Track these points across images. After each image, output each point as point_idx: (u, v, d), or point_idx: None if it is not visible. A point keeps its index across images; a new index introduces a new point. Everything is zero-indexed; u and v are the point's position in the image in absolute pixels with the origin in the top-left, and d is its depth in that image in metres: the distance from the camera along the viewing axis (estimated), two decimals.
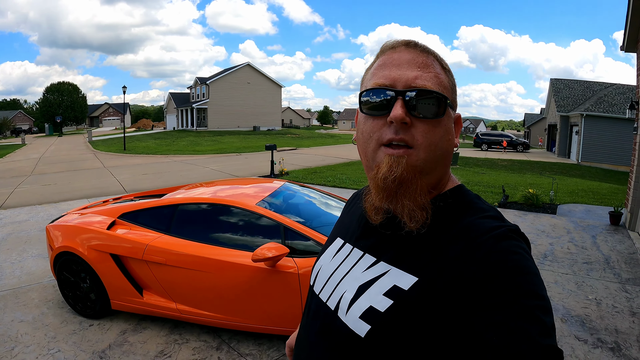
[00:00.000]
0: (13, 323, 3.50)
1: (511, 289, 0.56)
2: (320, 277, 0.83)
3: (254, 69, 45.49)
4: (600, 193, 10.28)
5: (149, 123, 62.32)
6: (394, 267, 0.68)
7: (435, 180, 0.72)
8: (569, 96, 26.89)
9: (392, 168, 0.65)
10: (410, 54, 0.71)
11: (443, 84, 0.70)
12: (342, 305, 0.71)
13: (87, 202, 8.76)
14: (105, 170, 14.79)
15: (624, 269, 4.87)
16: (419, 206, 0.66)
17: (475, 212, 0.69)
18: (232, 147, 24.75)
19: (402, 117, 0.65)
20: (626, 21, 6.24)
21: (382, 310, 0.64)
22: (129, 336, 3.26)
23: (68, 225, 3.60)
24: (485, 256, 0.60)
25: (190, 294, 3.11)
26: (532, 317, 0.53)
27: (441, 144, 0.69)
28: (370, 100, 0.70)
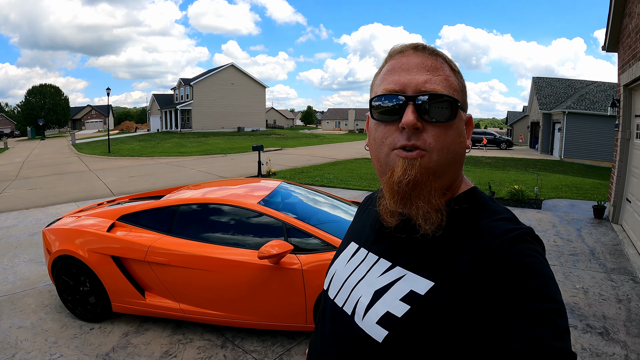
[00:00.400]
0: (11, 329, 3.44)
1: (525, 293, 0.56)
2: (335, 281, 0.82)
3: (238, 70, 45.15)
4: (583, 188, 10.58)
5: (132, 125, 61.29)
6: (409, 272, 0.68)
7: (449, 183, 0.72)
8: (551, 94, 27.25)
9: (407, 171, 0.65)
10: (419, 57, 0.70)
11: (453, 86, 0.70)
12: (359, 310, 0.71)
13: (75, 205, 8.62)
14: (91, 174, 14.52)
15: (608, 260, 5.05)
16: (433, 208, 0.66)
17: (489, 215, 0.69)
18: (218, 149, 24.55)
19: (414, 122, 0.65)
20: (607, 23, 6.49)
21: (399, 316, 0.64)
22: (132, 338, 3.24)
23: (66, 228, 3.56)
24: (499, 259, 0.60)
25: (194, 294, 3.12)
26: (547, 321, 0.54)
27: (453, 147, 0.69)
28: (381, 106, 0.70)
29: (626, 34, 5.98)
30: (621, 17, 6.18)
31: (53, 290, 4.20)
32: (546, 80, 29.12)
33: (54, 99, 54.81)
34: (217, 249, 3.05)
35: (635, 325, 3.39)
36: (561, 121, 22.86)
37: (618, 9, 6.05)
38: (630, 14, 5.68)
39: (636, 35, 5.40)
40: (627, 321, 3.47)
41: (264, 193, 3.52)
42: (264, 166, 12.63)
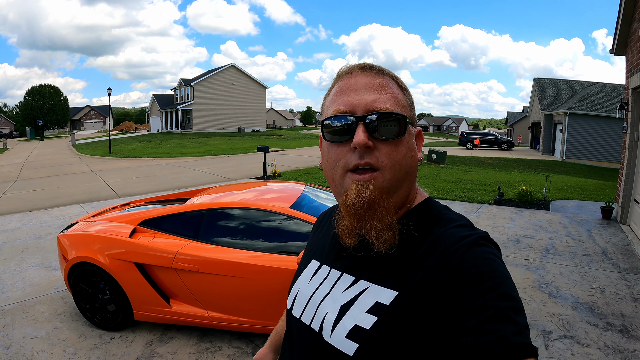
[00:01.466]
0: (25, 340, 3.28)
1: (484, 292, 0.57)
2: (298, 300, 0.81)
3: (239, 70, 44.81)
4: (587, 189, 10.54)
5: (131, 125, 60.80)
6: (373, 284, 0.68)
7: (403, 198, 0.73)
8: (552, 95, 27.15)
9: (360, 193, 0.66)
10: (366, 77, 0.71)
11: (401, 103, 0.71)
12: (326, 326, 0.70)
13: (80, 207, 8.46)
14: (93, 175, 14.29)
15: (620, 260, 5.04)
16: (385, 226, 0.67)
17: (446, 223, 0.70)
18: (219, 149, 24.31)
19: (365, 142, 0.66)
20: (616, 27, 6.45)
21: (368, 328, 0.65)
22: (157, 347, 3.10)
23: (84, 234, 3.41)
24: (457, 264, 0.61)
25: (224, 301, 2.99)
26: (506, 318, 0.55)
27: (405, 161, 0.70)
28: (333, 128, 0.70)
29: (635, 38, 5.92)
30: (630, 21, 6.13)
31: (66, 297, 4.05)
32: (547, 81, 29.00)
33: (53, 99, 54.11)
34: (249, 255, 2.93)
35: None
36: (563, 122, 22.81)
37: (627, 14, 6.01)
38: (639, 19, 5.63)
39: None
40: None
41: (292, 197, 3.40)
42: (269, 167, 12.47)
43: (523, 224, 6.61)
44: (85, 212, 7.95)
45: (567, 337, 3.28)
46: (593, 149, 21.52)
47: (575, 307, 3.76)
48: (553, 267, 4.76)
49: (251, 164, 16.39)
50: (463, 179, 12.22)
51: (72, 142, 31.04)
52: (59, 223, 7.10)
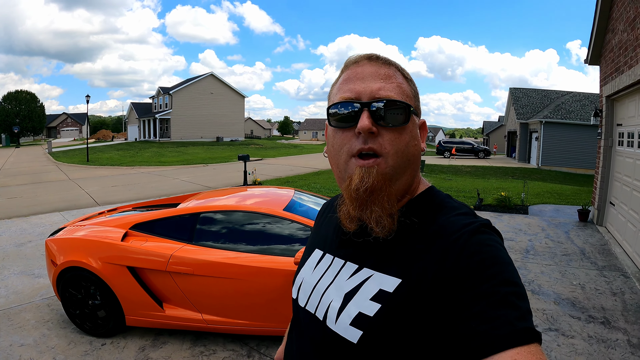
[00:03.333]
0: (12, 348, 3.17)
1: (487, 279, 0.58)
2: (303, 289, 0.82)
3: (217, 79, 44.49)
4: (564, 194, 10.94)
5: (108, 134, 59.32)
6: (377, 272, 0.69)
7: (406, 185, 0.73)
8: (527, 104, 27.76)
9: (364, 179, 0.67)
10: (373, 66, 0.73)
11: (406, 92, 0.73)
12: (330, 314, 0.71)
13: (60, 215, 8.22)
14: (71, 183, 13.88)
15: (599, 259, 5.29)
16: (386, 213, 0.68)
17: (448, 211, 0.71)
18: (198, 158, 24.01)
19: (369, 127, 0.67)
20: (590, 39, 6.81)
21: (372, 315, 0.65)
22: (150, 352, 3.05)
23: (74, 238, 3.34)
24: (460, 251, 0.61)
25: (219, 303, 2.97)
26: (509, 303, 0.56)
27: (408, 149, 0.71)
28: (338, 114, 0.72)
29: (609, 49, 6.26)
30: (604, 33, 6.49)
31: (52, 305, 3.94)
32: (523, 91, 29.66)
33: (30, 105, 52.25)
34: (245, 257, 2.93)
35: (631, 314, 3.68)
36: (538, 130, 23.32)
37: (601, 26, 6.36)
38: (613, 30, 5.97)
39: (619, 50, 5.65)
40: (624, 311, 3.75)
41: (284, 201, 3.44)
42: (249, 176, 12.41)
43: (503, 228, 6.82)
44: (65, 219, 7.74)
45: (552, 330, 3.43)
46: (568, 156, 22.09)
47: (558, 303, 3.95)
48: (534, 267, 4.95)
49: (231, 172, 16.30)
50: (442, 186, 12.47)
51: (48, 149, 30.06)
52: (39, 231, 6.90)
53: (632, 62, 5.08)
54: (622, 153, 6.04)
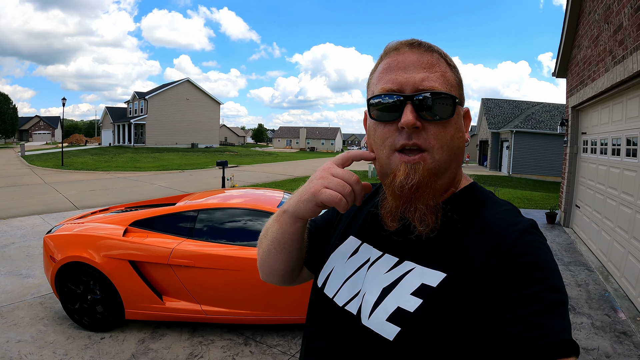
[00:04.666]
0: (10, 344, 3.22)
1: (535, 282, 0.56)
2: (333, 279, 0.77)
3: (194, 85, 44.07)
4: (533, 200, 11.55)
5: (82, 138, 57.56)
6: (418, 265, 0.66)
7: (450, 180, 0.71)
8: (499, 114, 28.43)
9: (409, 175, 0.64)
10: (415, 54, 0.68)
11: (450, 82, 0.68)
12: (364, 309, 0.67)
13: (40, 218, 8.11)
14: (47, 187, 13.54)
15: (565, 256, 5.77)
16: (430, 210, 0.65)
17: (493, 207, 0.69)
18: (174, 164, 23.76)
19: (414, 122, 0.64)
20: (558, 53, 7.37)
21: (412, 311, 0.62)
22: (150, 344, 3.17)
23: (75, 234, 3.42)
24: (509, 249, 0.60)
25: (218, 294, 3.14)
26: (553, 312, 0.55)
27: (453, 142, 0.67)
28: (380, 106, 0.68)
29: (575, 63, 6.80)
30: (570, 48, 7.04)
31: (45, 303, 3.97)
32: (494, 102, 30.37)
33: (2, 107, 49.92)
34: (243, 250, 3.11)
35: (594, 302, 4.13)
36: (509, 139, 23.96)
37: (568, 41, 6.90)
38: (579, 46, 6.49)
39: (584, 64, 6.16)
40: (587, 299, 4.21)
41: (276, 199, 3.65)
42: (228, 182, 12.43)
43: None
44: (46, 223, 7.65)
45: None
46: (537, 164, 22.76)
47: None
48: None
49: (207, 179, 16.33)
50: None
51: (21, 153, 29.03)
52: (21, 233, 6.82)
53: (595, 75, 5.55)
54: (587, 159, 6.54)
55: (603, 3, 5.26)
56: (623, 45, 4.58)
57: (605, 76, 5.14)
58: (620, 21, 4.67)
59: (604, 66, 5.24)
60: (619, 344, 3.28)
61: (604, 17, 5.25)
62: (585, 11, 6.14)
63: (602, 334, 3.45)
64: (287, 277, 0.88)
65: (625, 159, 4.82)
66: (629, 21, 4.38)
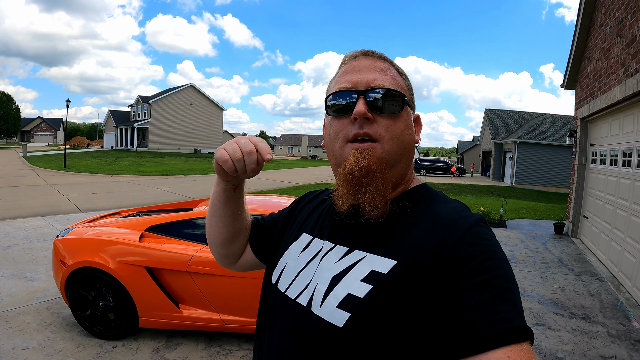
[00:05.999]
0: (16, 351, 3.02)
1: (486, 270, 0.57)
2: (286, 274, 0.78)
3: (197, 91, 43.87)
4: (538, 210, 11.43)
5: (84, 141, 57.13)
6: (369, 254, 0.66)
7: (400, 174, 0.73)
8: (502, 125, 28.10)
9: (359, 159, 0.66)
10: (369, 60, 0.74)
11: (400, 84, 0.74)
12: (316, 298, 0.67)
13: (43, 219, 7.89)
14: (50, 188, 13.29)
15: (575, 266, 5.65)
16: (380, 193, 0.66)
17: (443, 202, 0.71)
18: (177, 170, 23.49)
19: (364, 112, 0.67)
20: (567, 65, 7.31)
21: (362, 296, 0.62)
22: (166, 354, 2.99)
23: (88, 238, 3.24)
24: (459, 239, 0.60)
25: (239, 303, 2.97)
26: (507, 299, 0.55)
27: (403, 137, 0.70)
28: (336, 103, 0.72)
29: (584, 75, 6.73)
30: (580, 60, 6.98)
31: (52, 308, 3.77)
32: (498, 112, 30.09)
33: (5, 107, 49.46)
34: None
35: (608, 311, 4.08)
36: (512, 150, 23.67)
37: (578, 54, 6.85)
38: (589, 59, 6.43)
39: (594, 77, 6.09)
40: (601, 309, 4.14)
41: None
42: None
43: None
44: (49, 225, 7.44)
45: (539, 325, 3.69)
46: (541, 175, 22.52)
47: (542, 303, 4.24)
48: (517, 273, 5.20)
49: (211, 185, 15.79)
50: None
51: (23, 153, 28.70)
52: (24, 234, 6.60)
53: (606, 87, 5.47)
54: (595, 170, 6.44)
55: (615, 16, 5.19)
56: (636, 58, 4.51)
57: (617, 88, 5.06)
58: (633, 34, 4.60)
59: (616, 78, 5.17)
60: (635, 352, 3.24)
61: (616, 30, 5.18)
62: (596, 24, 6.08)
63: (618, 342, 3.42)
64: (227, 250, 0.94)
65: (636, 170, 4.75)
66: None
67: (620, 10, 4.98)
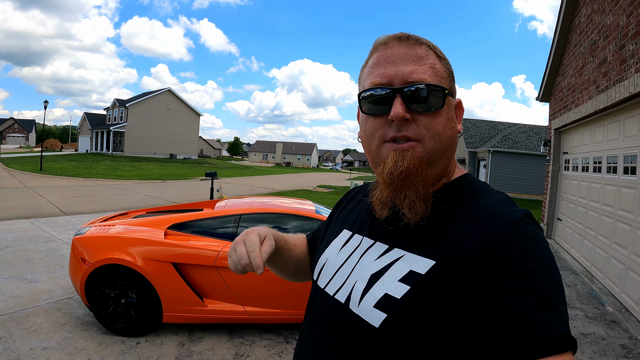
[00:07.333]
0: (35, 351, 2.93)
1: (528, 273, 0.52)
2: (326, 270, 0.75)
3: (174, 95, 42.92)
4: None
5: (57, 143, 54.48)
6: (408, 252, 0.63)
7: (442, 170, 0.68)
8: (476, 134, 28.36)
9: (398, 162, 0.62)
10: (403, 47, 0.66)
11: (439, 73, 0.66)
12: (354, 296, 0.64)
13: (28, 222, 7.56)
14: (29, 191, 12.68)
15: None
16: (420, 197, 0.62)
17: (487, 196, 0.65)
18: (154, 174, 22.93)
19: (403, 114, 0.62)
20: (543, 79, 7.79)
21: (399, 297, 0.58)
22: (192, 346, 3.00)
23: (113, 236, 3.20)
24: (502, 239, 0.55)
25: (261, 294, 3.06)
26: (551, 305, 0.50)
27: (444, 132, 0.65)
28: (370, 100, 0.66)
29: (558, 89, 7.19)
30: (555, 76, 7.46)
31: (63, 308, 3.67)
32: (472, 122, 30.46)
33: None
34: None
35: (584, 298, 4.55)
36: (486, 158, 23.99)
37: (553, 70, 7.32)
38: (563, 74, 6.89)
39: (568, 91, 6.53)
40: (577, 297, 4.61)
41: (310, 206, 3.67)
42: (216, 193, 12.06)
43: None
44: (36, 227, 7.16)
45: None
46: (514, 183, 22.92)
47: None
48: None
49: (192, 189, 15.96)
50: None
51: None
52: (13, 237, 6.32)
53: (579, 102, 5.89)
54: (568, 176, 6.88)
55: (589, 38, 5.62)
56: (607, 77, 4.90)
57: (589, 103, 5.46)
58: (605, 55, 5.00)
59: (588, 94, 5.58)
60: (610, 330, 3.67)
61: (589, 51, 5.61)
62: (571, 43, 6.55)
63: (595, 322, 3.83)
64: (297, 278, 0.98)
65: (606, 175, 5.13)
66: (613, 56, 4.70)
67: (594, 33, 5.40)
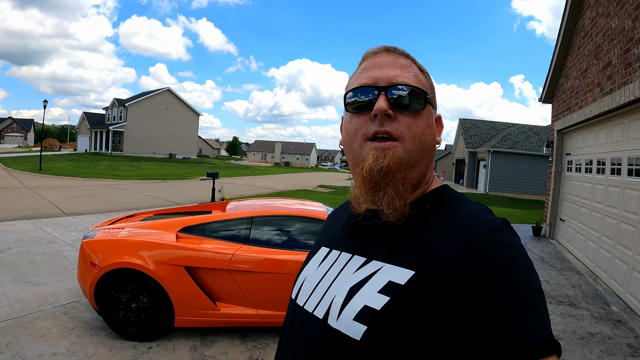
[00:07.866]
0: (43, 357, 2.85)
1: (511, 279, 0.53)
2: (304, 288, 0.73)
3: (174, 95, 42.51)
4: (514, 216, 11.91)
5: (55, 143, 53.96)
6: (387, 264, 0.62)
7: (420, 175, 0.68)
8: (476, 134, 28.17)
9: (378, 159, 0.62)
10: (390, 56, 0.70)
11: (422, 82, 0.70)
12: (333, 311, 0.62)
13: (30, 223, 7.45)
14: (29, 191, 12.52)
15: (556, 263, 6.06)
16: (399, 195, 0.62)
17: (465, 206, 0.65)
18: (154, 174, 22.71)
19: (385, 109, 0.63)
20: (545, 81, 7.76)
21: (378, 308, 0.57)
22: (204, 350, 2.93)
23: (123, 240, 3.12)
24: (482, 247, 0.56)
25: (274, 298, 3.00)
26: (534, 310, 0.51)
27: (424, 136, 0.66)
28: (357, 100, 0.68)
29: (562, 91, 7.17)
30: (558, 78, 7.44)
31: (70, 312, 3.58)
32: (471, 122, 30.22)
33: None
34: (301, 253, 3.03)
35: (590, 299, 4.53)
36: (486, 159, 23.86)
37: (556, 72, 7.29)
38: (566, 76, 6.86)
39: (571, 93, 6.50)
40: (583, 297, 4.60)
41: (322, 208, 3.58)
42: (218, 193, 11.98)
43: None
44: (38, 228, 7.04)
45: None
46: (513, 183, 22.86)
47: None
48: None
49: (192, 189, 15.81)
50: None
51: None
52: (15, 238, 6.20)
53: (583, 104, 5.86)
54: (571, 177, 6.86)
55: (593, 41, 5.59)
56: (611, 79, 4.87)
57: (594, 105, 5.43)
58: (609, 59, 4.97)
59: (592, 96, 5.55)
60: (616, 329, 3.70)
61: (593, 54, 5.58)
62: (575, 46, 6.52)
63: (602, 322, 3.86)
64: None
65: (610, 176, 5.11)
66: (618, 60, 4.66)
67: (599, 37, 5.37)
